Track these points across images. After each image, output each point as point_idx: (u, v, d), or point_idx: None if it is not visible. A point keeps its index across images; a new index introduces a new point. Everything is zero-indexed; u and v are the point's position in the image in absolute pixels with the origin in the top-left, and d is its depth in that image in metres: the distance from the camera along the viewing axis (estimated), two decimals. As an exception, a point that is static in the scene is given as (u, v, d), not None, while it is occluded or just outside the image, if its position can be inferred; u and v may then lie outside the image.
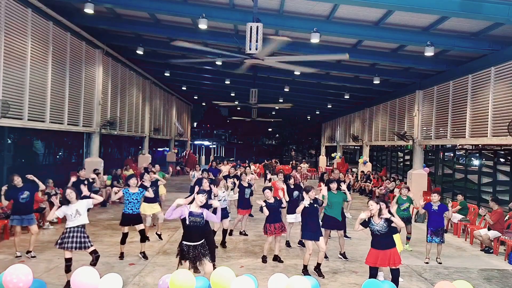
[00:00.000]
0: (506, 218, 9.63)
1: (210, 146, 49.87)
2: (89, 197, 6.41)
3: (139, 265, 7.27)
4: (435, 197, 8.08)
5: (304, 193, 7.07)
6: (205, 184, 7.80)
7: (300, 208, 6.91)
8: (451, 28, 10.14)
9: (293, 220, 8.72)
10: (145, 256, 7.66)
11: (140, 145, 23.35)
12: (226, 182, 9.57)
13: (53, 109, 11.49)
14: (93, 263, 6.07)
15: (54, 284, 6.11)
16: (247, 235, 9.74)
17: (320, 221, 7.61)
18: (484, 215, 9.29)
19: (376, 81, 15.27)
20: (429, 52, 10.44)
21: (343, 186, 8.10)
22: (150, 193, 8.15)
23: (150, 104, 21.19)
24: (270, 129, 47.08)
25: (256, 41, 7.43)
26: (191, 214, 5.43)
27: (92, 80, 14.18)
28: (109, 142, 26.49)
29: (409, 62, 13.15)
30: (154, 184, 9.22)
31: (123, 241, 7.64)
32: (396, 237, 6.46)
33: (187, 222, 5.41)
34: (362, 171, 20.77)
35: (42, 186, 8.40)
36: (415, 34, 10.64)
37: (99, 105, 14.56)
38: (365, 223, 5.94)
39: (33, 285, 3.94)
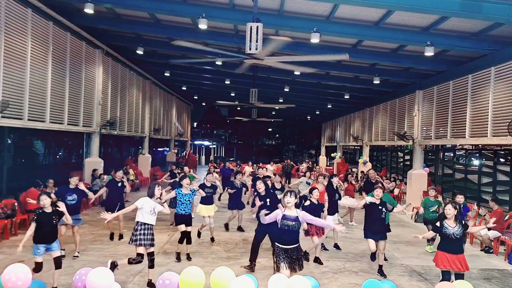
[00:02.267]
0: (506, 218, 9.63)
1: (210, 146, 49.86)
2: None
3: (139, 265, 7.25)
4: (461, 199, 8.06)
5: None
6: (260, 185, 7.68)
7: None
8: (451, 28, 10.14)
9: (332, 221, 8.67)
10: (178, 258, 7.68)
11: (140, 145, 23.36)
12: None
13: (53, 109, 11.49)
14: (151, 266, 6.24)
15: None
16: None
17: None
18: (484, 215, 9.29)
19: (376, 81, 15.27)
20: (429, 52, 10.44)
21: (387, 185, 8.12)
22: (201, 193, 8.19)
23: (150, 104, 21.18)
24: (270, 129, 47.08)
25: (256, 41, 7.43)
26: (284, 217, 5.43)
27: (92, 80, 14.18)
28: (109, 142, 26.54)
29: (409, 62, 13.15)
30: (213, 186, 9.29)
31: (181, 240, 7.62)
32: None
33: (279, 226, 5.46)
34: (362, 171, 20.76)
35: (90, 195, 8.12)
36: (415, 34, 10.64)
37: (99, 105, 14.56)
38: (437, 228, 5.89)
39: (33, 285, 3.94)
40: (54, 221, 5.77)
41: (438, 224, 5.90)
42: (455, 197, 8.23)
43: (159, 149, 34.89)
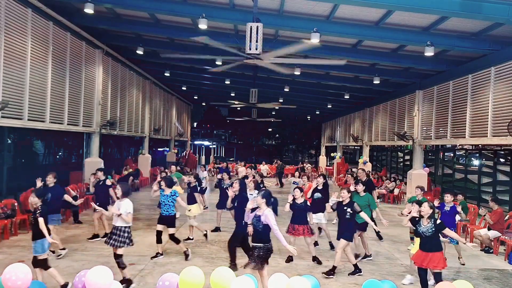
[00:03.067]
0: (506, 218, 9.63)
1: (210, 146, 49.86)
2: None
3: (139, 265, 7.27)
4: (448, 198, 8.06)
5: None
6: (235, 185, 7.70)
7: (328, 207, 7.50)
8: (451, 28, 10.15)
9: (317, 221, 8.63)
10: (186, 256, 7.76)
11: (140, 145, 23.35)
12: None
13: (53, 109, 11.49)
14: (118, 267, 6.17)
15: (53, 284, 6.10)
16: None
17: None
18: (484, 215, 9.29)
19: (376, 81, 15.27)
20: (429, 52, 10.44)
21: (376, 193, 8.11)
22: (179, 201, 8.07)
23: (150, 104, 21.18)
24: (270, 129, 47.08)
25: (256, 41, 7.43)
26: (254, 216, 5.65)
27: (92, 80, 14.17)
28: (109, 142, 26.55)
29: (409, 62, 13.16)
30: (194, 187, 9.38)
31: (157, 240, 7.67)
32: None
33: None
34: (362, 171, 20.73)
35: (67, 198, 8.28)
36: (415, 34, 10.65)
37: (99, 105, 14.55)
38: (414, 222, 6.06)
39: (32, 286, 3.93)
40: (32, 217, 5.80)
41: (417, 219, 6.05)
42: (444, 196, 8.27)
43: (159, 149, 34.89)
